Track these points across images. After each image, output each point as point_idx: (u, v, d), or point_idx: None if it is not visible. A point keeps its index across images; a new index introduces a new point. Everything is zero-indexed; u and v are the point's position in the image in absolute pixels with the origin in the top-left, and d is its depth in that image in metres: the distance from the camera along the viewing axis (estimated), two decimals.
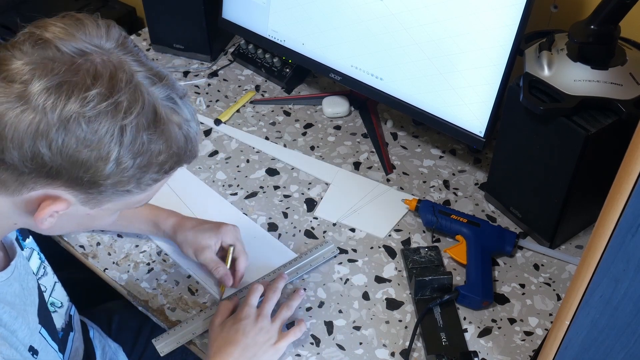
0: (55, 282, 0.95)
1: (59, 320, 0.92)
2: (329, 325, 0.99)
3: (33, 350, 0.80)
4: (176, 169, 0.73)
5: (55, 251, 1.05)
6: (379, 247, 1.09)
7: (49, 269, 0.94)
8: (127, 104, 0.64)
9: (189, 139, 0.71)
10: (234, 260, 1.02)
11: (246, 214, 1.14)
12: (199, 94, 1.39)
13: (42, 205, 0.69)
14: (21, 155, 0.64)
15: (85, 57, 0.65)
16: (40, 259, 0.92)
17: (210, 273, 1.02)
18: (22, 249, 0.87)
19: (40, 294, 0.86)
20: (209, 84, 1.42)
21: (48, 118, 0.62)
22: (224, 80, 1.43)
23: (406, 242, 1.10)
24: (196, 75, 1.44)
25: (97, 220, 0.76)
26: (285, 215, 1.14)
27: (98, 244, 1.09)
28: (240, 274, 1.02)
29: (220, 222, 1.04)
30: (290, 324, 0.97)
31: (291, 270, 1.04)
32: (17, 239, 0.86)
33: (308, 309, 1.01)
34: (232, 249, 1.02)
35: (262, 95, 1.39)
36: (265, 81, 1.43)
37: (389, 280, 1.04)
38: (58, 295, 0.95)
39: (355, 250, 1.09)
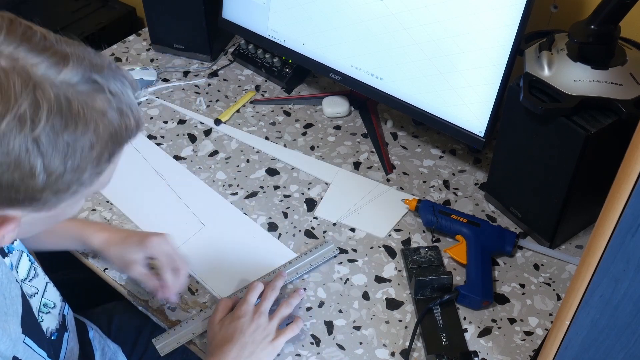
0: (47, 282, 0.92)
1: (52, 322, 0.91)
2: (329, 325, 0.99)
3: None
4: (121, 151, 0.65)
5: (54, 251, 1.04)
6: (379, 247, 1.09)
7: (39, 270, 0.91)
8: (31, 112, 0.55)
9: (123, 114, 0.61)
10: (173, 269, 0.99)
11: (246, 214, 1.14)
12: (199, 94, 1.39)
13: None
14: None
15: None
16: (30, 260, 0.89)
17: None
18: (8, 254, 0.84)
19: (25, 301, 0.82)
20: (209, 84, 1.42)
21: None
22: (224, 80, 1.43)
23: (406, 242, 1.10)
24: (196, 75, 1.44)
25: (61, 216, 0.68)
26: (285, 215, 1.14)
27: None
28: (170, 286, 0.97)
29: (147, 234, 1.01)
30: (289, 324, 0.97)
31: (291, 270, 1.04)
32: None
33: (308, 309, 1.01)
34: (153, 263, 0.99)
35: (262, 95, 1.39)
36: (265, 81, 1.43)
37: (389, 280, 1.04)
38: (51, 296, 0.92)
39: (355, 250, 1.09)
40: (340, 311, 1.01)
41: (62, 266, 1.11)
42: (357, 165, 1.24)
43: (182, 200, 1.16)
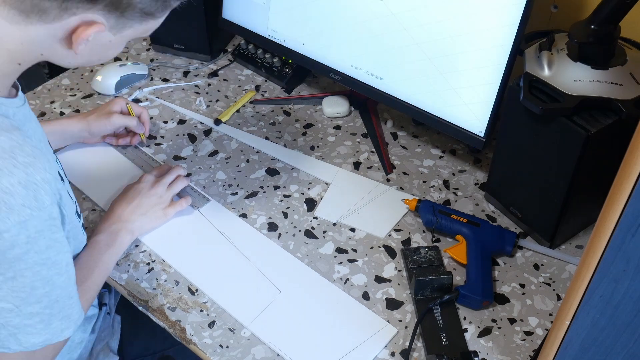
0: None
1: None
2: None
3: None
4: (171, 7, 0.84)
5: None
6: (379, 247, 1.09)
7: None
8: None
9: None
10: (138, 117, 1.23)
11: (244, 215, 1.14)
12: (199, 94, 1.39)
13: (80, 29, 0.75)
14: None
15: None
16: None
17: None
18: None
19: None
20: (209, 84, 1.42)
21: None
22: (224, 80, 1.43)
23: (406, 242, 1.10)
24: (196, 75, 1.44)
25: (111, 49, 0.82)
26: (285, 215, 1.14)
27: None
28: (147, 123, 1.24)
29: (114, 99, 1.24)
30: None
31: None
32: None
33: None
34: (129, 106, 1.22)
35: (262, 95, 1.39)
36: (265, 81, 1.43)
37: (389, 280, 1.04)
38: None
39: (355, 250, 1.09)
40: None
41: None
42: (357, 165, 1.24)
43: (251, 263, 1.06)
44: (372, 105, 1.35)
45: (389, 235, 1.11)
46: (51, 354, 0.87)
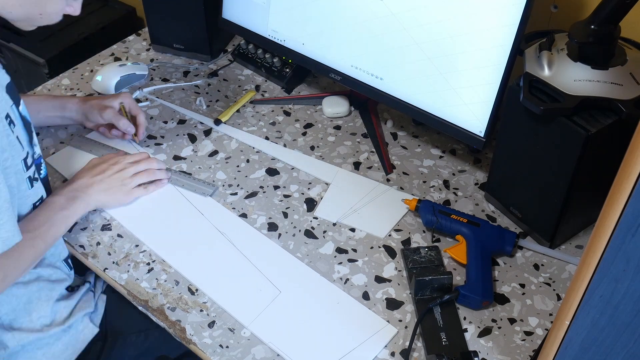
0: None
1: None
2: None
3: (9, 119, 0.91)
4: None
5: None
6: (379, 247, 1.09)
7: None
8: None
9: None
10: (134, 119, 1.24)
11: (244, 215, 1.14)
12: (199, 94, 1.39)
13: None
14: None
15: None
16: None
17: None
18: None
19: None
20: (209, 84, 1.42)
21: None
22: (224, 80, 1.43)
23: (406, 242, 1.10)
24: (196, 75, 1.44)
25: (48, 1, 0.88)
26: (285, 215, 1.14)
27: (98, 243, 1.09)
28: (142, 126, 1.24)
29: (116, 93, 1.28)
30: None
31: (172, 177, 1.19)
32: None
33: None
34: (122, 105, 1.23)
35: (262, 95, 1.39)
36: (265, 81, 1.43)
37: (389, 280, 1.04)
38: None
39: (355, 250, 1.09)
40: None
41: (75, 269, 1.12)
42: (357, 165, 1.24)
43: (252, 263, 1.06)
44: (372, 105, 1.35)
45: (389, 235, 1.11)
46: None
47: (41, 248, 0.99)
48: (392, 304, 1.01)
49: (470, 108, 1.09)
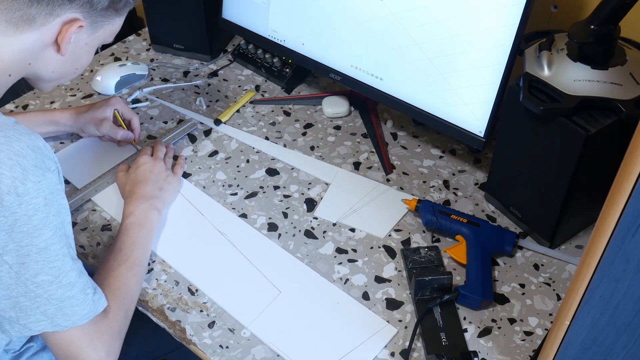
0: None
1: None
2: None
3: None
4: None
5: None
6: (379, 247, 1.09)
7: None
8: None
9: None
10: (129, 123, 1.25)
11: (244, 215, 1.14)
12: (199, 94, 1.39)
13: (65, 27, 0.81)
14: None
15: None
16: None
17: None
18: None
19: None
20: (209, 84, 1.42)
21: None
22: (224, 80, 1.43)
23: (406, 242, 1.10)
24: (196, 75, 1.44)
25: (85, 54, 0.89)
26: (285, 215, 1.14)
27: (98, 244, 1.09)
28: (137, 130, 1.25)
29: (106, 98, 1.25)
30: None
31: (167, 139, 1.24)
32: None
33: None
34: (116, 112, 1.23)
35: (262, 95, 1.39)
36: (265, 81, 1.43)
37: (389, 280, 1.04)
38: None
39: (355, 250, 1.09)
40: None
41: None
42: (357, 165, 1.24)
43: (252, 263, 1.06)
44: (372, 105, 1.35)
45: (389, 235, 1.11)
46: (105, 326, 0.88)
47: (140, 272, 1.00)
48: (392, 304, 1.01)
49: (470, 108, 1.09)
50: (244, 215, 1.14)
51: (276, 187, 1.19)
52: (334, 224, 1.13)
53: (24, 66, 0.84)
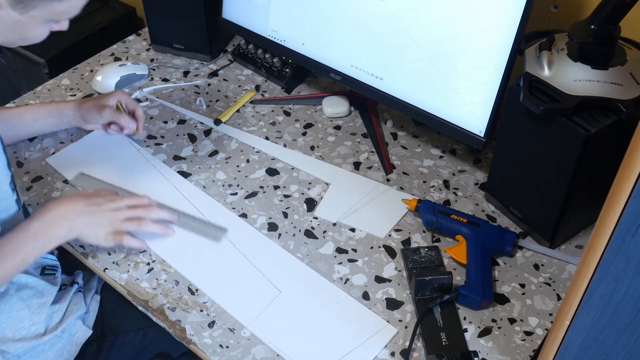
0: None
1: None
2: None
3: None
4: None
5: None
6: (379, 247, 1.09)
7: None
8: None
9: None
10: (132, 113, 1.24)
11: (244, 215, 1.14)
12: (199, 94, 1.39)
13: None
14: None
15: None
16: None
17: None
18: None
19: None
20: (209, 84, 1.42)
21: None
22: (224, 80, 1.43)
23: (406, 242, 1.10)
24: (196, 75, 1.44)
25: (27, 29, 0.87)
26: (285, 215, 1.14)
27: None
28: (141, 118, 1.24)
29: (111, 92, 1.25)
30: None
31: (180, 220, 1.11)
32: None
33: None
34: (118, 103, 1.23)
35: (262, 95, 1.39)
36: (265, 81, 1.43)
37: (389, 280, 1.04)
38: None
39: (355, 250, 1.09)
40: None
41: (64, 269, 1.12)
42: (357, 165, 1.24)
43: (252, 263, 1.06)
44: (372, 105, 1.35)
45: (389, 235, 1.11)
46: None
47: (6, 274, 0.95)
48: (392, 304, 1.01)
49: (470, 108, 1.09)
50: (244, 215, 1.14)
51: (276, 187, 1.19)
52: (334, 224, 1.13)
53: None
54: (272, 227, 1.12)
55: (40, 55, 1.65)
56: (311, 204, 1.16)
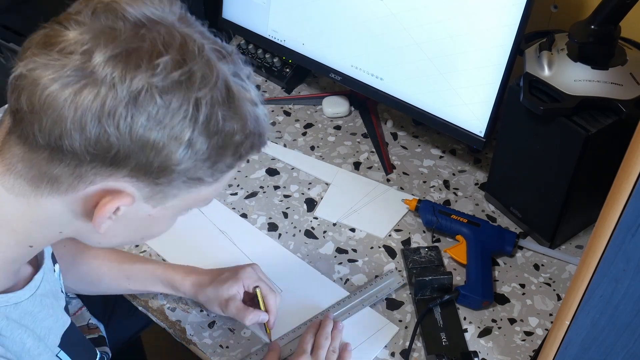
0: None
1: None
2: None
3: None
4: (249, 156, 0.66)
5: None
6: (379, 247, 1.09)
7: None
8: (201, 75, 0.57)
9: (258, 120, 0.63)
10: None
11: (244, 215, 1.14)
12: None
13: (102, 202, 0.59)
14: (83, 139, 0.55)
15: (150, 25, 0.58)
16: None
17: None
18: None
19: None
20: None
21: (116, 91, 0.54)
22: None
23: (406, 242, 1.10)
24: None
25: (155, 224, 0.67)
26: (285, 215, 1.14)
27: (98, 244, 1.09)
28: (273, 313, 0.95)
29: (237, 267, 0.97)
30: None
31: (342, 311, 0.99)
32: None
33: None
34: (258, 290, 0.94)
35: (262, 95, 1.39)
36: (265, 81, 1.43)
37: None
38: None
39: (355, 250, 1.09)
40: None
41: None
42: (357, 165, 1.24)
43: (250, 261, 1.03)
44: (372, 105, 1.35)
45: (389, 235, 1.11)
46: None
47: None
48: (392, 304, 1.01)
49: (470, 108, 1.09)
50: (244, 215, 1.14)
51: (276, 187, 1.19)
52: (334, 224, 1.13)
53: (53, 235, 0.65)
54: (272, 227, 1.12)
55: None
56: (311, 204, 1.16)
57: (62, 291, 0.79)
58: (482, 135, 1.09)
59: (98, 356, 0.86)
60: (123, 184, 0.59)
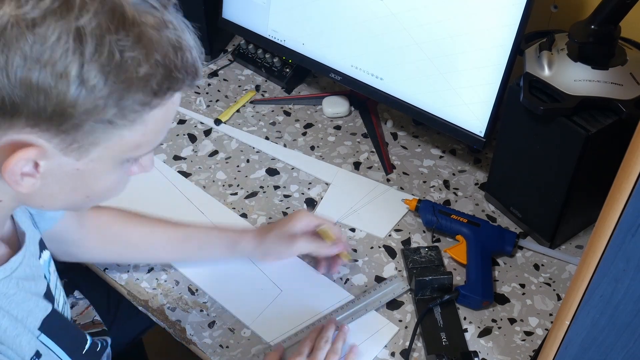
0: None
1: None
2: None
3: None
4: (172, 92, 0.57)
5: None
6: (379, 247, 1.09)
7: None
8: (79, 0, 0.50)
9: (179, 48, 0.55)
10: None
11: (244, 215, 1.14)
12: (199, 94, 1.39)
13: (12, 158, 0.54)
14: None
15: None
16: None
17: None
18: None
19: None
20: (209, 84, 1.42)
21: None
22: (224, 80, 1.43)
23: (406, 242, 1.10)
24: None
25: (92, 180, 0.60)
26: (286, 215, 1.14)
27: None
28: (344, 241, 1.01)
29: (289, 216, 1.02)
30: None
31: (345, 316, 0.98)
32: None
33: None
34: (323, 227, 0.99)
35: (262, 95, 1.39)
36: (265, 81, 1.43)
37: (390, 280, 1.04)
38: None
39: (355, 250, 1.09)
40: None
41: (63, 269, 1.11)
42: (357, 165, 1.24)
43: (252, 262, 1.05)
44: (372, 105, 1.35)
45: (389, 235, 1.11)
46: None
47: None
48: (392, 304, 1.01)
49: (470, 108, 1.09)
50: (244, 215, 1.14)
51: (276, 187, 1.19)
52: (334, 224, 1.13)
53: None
54: None
55: None
56: (311, 204, 1.16)
57: (44, 277, 0.76)
58: (482, 135, 1.09)
59: (89, 341, 0.84)
60: (27, 135, 0.54)
